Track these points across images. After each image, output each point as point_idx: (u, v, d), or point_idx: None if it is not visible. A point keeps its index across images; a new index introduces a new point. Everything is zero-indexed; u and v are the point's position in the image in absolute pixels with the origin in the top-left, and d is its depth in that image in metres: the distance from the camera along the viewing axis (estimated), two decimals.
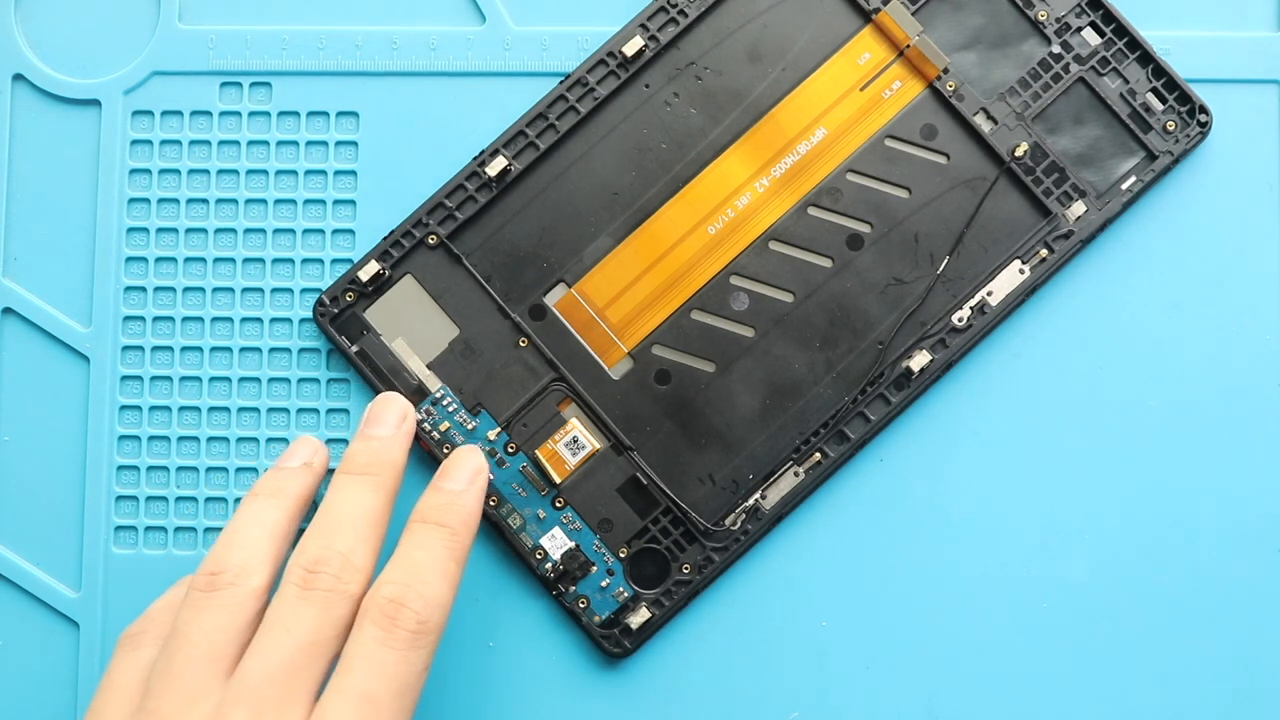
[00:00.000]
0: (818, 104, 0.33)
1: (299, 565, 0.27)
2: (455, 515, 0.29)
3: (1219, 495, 0.33)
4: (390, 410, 0.31)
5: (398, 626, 0.26)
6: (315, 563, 0.27)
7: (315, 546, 0.28)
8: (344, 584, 0.27)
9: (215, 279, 0.34)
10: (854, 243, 0.33)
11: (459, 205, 0.33)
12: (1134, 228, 0.33)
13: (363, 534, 0.28)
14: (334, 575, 0.27)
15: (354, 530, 0.28)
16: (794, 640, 0.33)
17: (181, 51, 0.35)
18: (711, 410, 0.33)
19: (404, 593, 0.27)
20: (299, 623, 0.26)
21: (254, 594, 0.27)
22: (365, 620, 0.27)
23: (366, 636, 0.26)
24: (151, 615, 0.29)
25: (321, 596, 0.27)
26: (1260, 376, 0.33)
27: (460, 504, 0.29)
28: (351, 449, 0.30)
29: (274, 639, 0.26)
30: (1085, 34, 0.33)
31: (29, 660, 0.33)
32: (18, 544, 0.34)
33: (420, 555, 0.28)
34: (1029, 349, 0.33)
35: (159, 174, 0.34)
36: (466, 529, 0.29)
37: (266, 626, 0.26)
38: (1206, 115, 0.33)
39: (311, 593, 0.27)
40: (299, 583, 0.27)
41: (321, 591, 0.27)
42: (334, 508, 0.29)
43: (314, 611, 0.27)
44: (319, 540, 0.28)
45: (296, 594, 0.27)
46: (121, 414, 0.34)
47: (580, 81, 0.33)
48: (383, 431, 0.31)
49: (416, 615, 0.27)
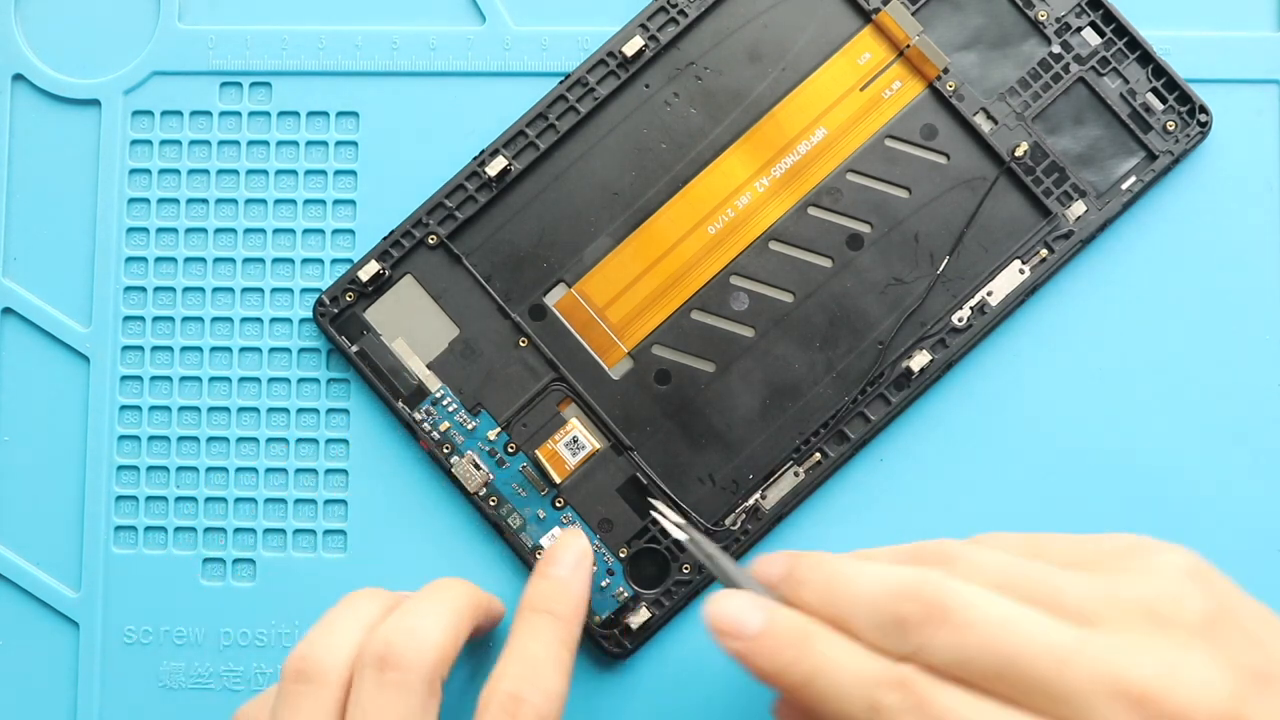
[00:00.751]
0: (818, 104, 0.33)
1: (502, 690, 0.27)
2: (564, 603, 0.29)
3: (1219, 495, 0.33)
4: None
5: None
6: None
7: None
8: (544, 716, 0.27)
9: (215, 279, 0.34)
10: (854, 243, 0.33)
11: (459, 205, 0.33)
12: (1134, 228, 0.33)
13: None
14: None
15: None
16: None
17: (181, 51, 0.35)
18: (711, 410, 0.33)
19: (523, 687, 0.27)
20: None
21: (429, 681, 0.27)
22: (486, 716, 0.27)
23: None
24: (263, 702, 0.29)
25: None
26: (1260, 376, 0.33)
27: (569, 591, 0.30)
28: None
29: None
30: (1085, 34, 0.33)
31: (29, 660, 0.33)
32: (18, 544, 0.34)
33: (534, 647, 0.28)
34: (1029, 349, 0.33)
35: (159, 174, 0.34)
36: (577, 616, 0.30)
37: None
38: (1206, 115, 0.33)
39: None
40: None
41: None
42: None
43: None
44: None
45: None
46: (121, 414, 0.34)
47: (580, 81, 0.33)
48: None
49: (536, 709, 0.27)
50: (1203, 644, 0.22)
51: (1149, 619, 0.22)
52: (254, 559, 0.33)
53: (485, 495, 0.33)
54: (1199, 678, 0.22)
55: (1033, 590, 0.23)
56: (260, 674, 0.33)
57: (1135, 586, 0.23)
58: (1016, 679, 0.22)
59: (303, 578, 0.33)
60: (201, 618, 0.33)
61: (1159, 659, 0.22)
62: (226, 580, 0.33)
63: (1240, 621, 0.23)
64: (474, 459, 0.33)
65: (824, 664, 0.24)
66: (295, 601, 0.33)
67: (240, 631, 0.33)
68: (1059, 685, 0.22)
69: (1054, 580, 0.23)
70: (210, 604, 0.33)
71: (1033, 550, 0.25)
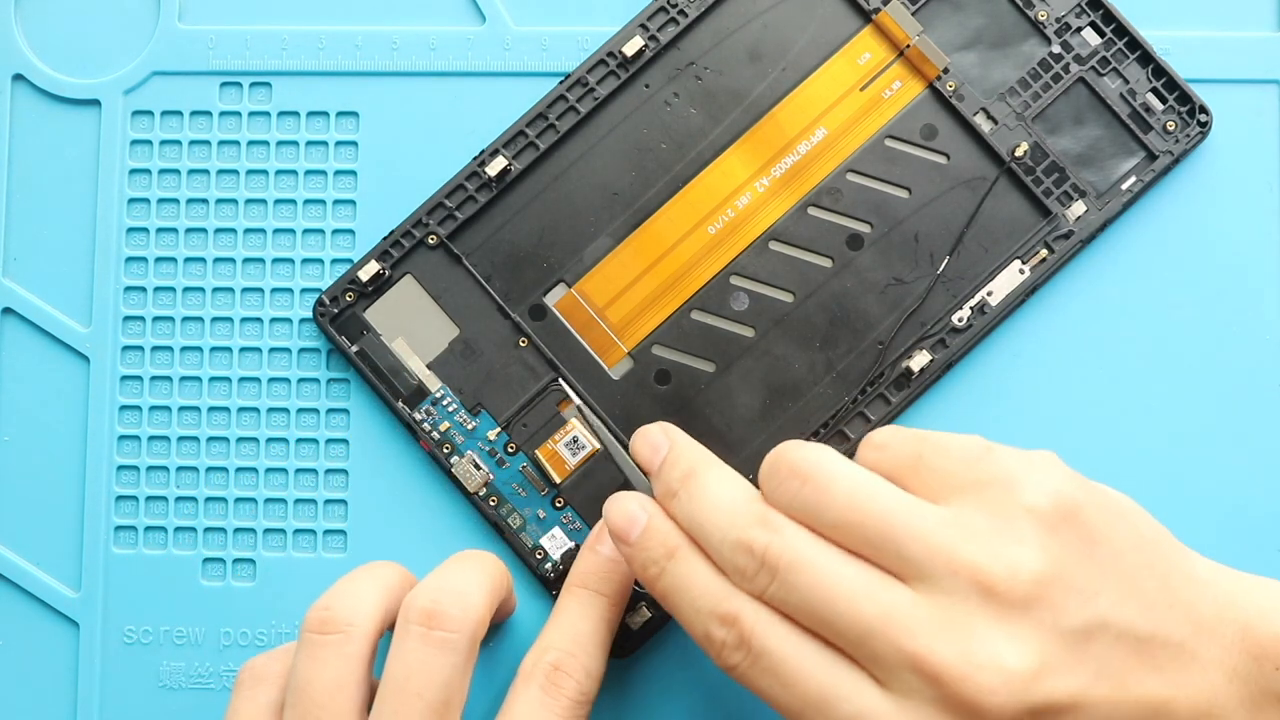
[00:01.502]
0: (818, 104, 0.33)
1: (546, 662, 0.28)
2: (614, 585, 0.30)
3: (1219, 495, 0.33)
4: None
5: (562, 694, 0.27)
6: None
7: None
8: (583, 690, 0.28)
9: (215, 279, 0.34)
10: (854, 243, 0.33)
11: (459, 205, 0.33)
12: (1134, 228, 0.33)
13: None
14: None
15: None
16: None
17: (181, 51, 0.35)
18: (711, 410, 0.33)
19: (567, 662, 0.28)
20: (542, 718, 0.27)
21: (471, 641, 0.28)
22: (532, 683, 0.28)
23: (533, 698, 0.27)
24: (276, 653, 0.29)
25: (566, 702, 0.28)
26: (1260, 376, 0.33)
27: (619, 572, 0.30)
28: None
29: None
30: (1085, 34, 0.33)
31: (29, 660, 0.33)
32: (18, 544, 0.34)
33: (582, 624, 0.29)
34: (1029, 349, 0.33)
35: (159, 174, 0.34)
36: (623, 600, 0.30)
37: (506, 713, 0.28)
38: (1206, 115, 0.33)
39: (557, 698, 0.28)
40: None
41: (565, 696, 0.28)
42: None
43: (560, 708, 0.27)
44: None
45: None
46: (121, 414, 0.34)
47: (580, 81, 0.33)
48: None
49: (578, 686, 0.28)
50: (1019, 618, 0.23)
51: (975, 588, 0.23)
52: (254, 559, 0.33)
53: (485, 495, 0.33)
54: (995, 663, 0.23)
55: (873, 537, 0.24)
56: None
57: (975, 545, 0.24)
58: (836, 634, 0.24)
59: (303, 578, 0.33)
60: (201, 618, 0.33)
61: (961, 643, 0.23)
62: (226, 580, 0.33)
63: (1078, 574, 0.24)
64: (474, 459, 0.33)
65: (676, 584, 0.26)
66: (295, 601, 0.33)
67: (240, 631, 0.33)
68: (869, 648, 0.24)
69: (899, 531, 0.24)
70: (210, 604, 0.33)
71: (916, 453, 0.26)
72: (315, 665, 0.27)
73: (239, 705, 0.28)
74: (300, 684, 0.27)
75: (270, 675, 0.28)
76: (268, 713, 0.28)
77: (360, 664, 0.27)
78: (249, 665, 0.29)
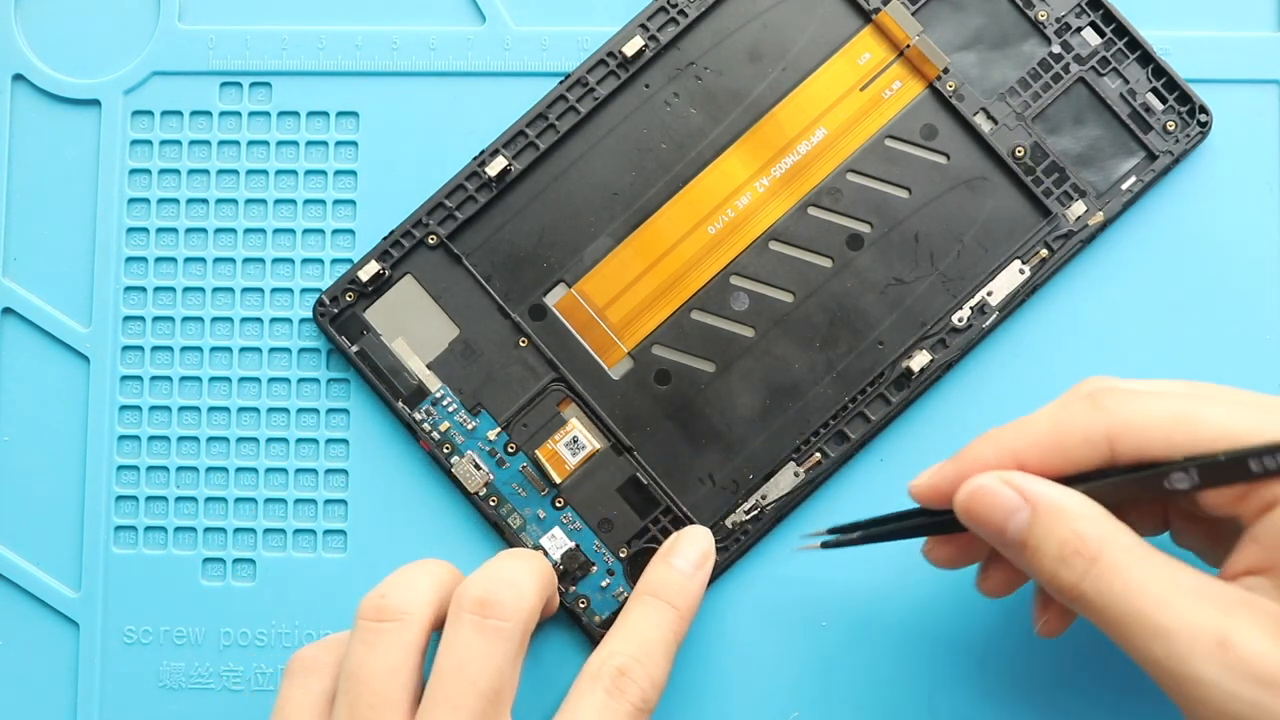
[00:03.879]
0: (818, 104, 0.33)
1: (613, 666, 0.28)
2: (686, 600, 0.30)
3: None
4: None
5: (625, 699, 0.27)
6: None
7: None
8: (647, 699, 0.28)
9: (215, 279, 0.34)
10: (854, 243, 0.33)
11: (459, 205, 0.33)
12: (1134, 228, 0.33)
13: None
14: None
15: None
16: (794, 640, 0.33)
17: (181, 51, 0.35)
18: (711, 410, 0.33)
19: (635, 668, 0.28)
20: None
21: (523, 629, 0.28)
22: (598, 685, 0.28)
23: (598, 700, 0.27)
24: (326, 643, 0.29)
25: (629, 708, 0.28)
26: (1260, 376, 0.33)
27: (691, 588, 0.30)
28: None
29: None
30: (1085, 34, 0.33)
31: (29, 660, 0.33)
32: (18, 544, 0.34)
33: (651, 633, 0.29)
34: (1029, 349, 0.33)
35: (159, 174, 0.34)
36: (691, 615, 0.30)
37: (569, 713, 0.27)
38: (1206, 115, 0.33)
39: (622, 703, 0.28)
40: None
41: (629, 702, 0.28)
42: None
43: (623, 713, 0.27)
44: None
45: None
46: (121, 414, 0.34)
47: (580, 81, 0.33)
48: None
49: (643, 693, 0.28)
50: None
51: None
52: (254, 559, 0.33)
53: (485, 495, 0.33)
54: None
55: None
56: (260, 674, 0.33)
57: None
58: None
59: (303, 578, 0.33)
60: (201, 618, 0.33)
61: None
62: (226, 580, 0.33)
63: None
64: (474, 459, 0.33)
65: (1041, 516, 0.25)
66: (295, 601, 0.33)
67: (240, 631, 0.33)
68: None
69: None
70: (210, 604, 0.33)
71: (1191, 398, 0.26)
72: (370, 652, 0.27)
73: (290, 694, 0.28)
74: (354, 670, 0.27)
75: (321, 665, 0.29)
76: (319, 702, 0.28)
77: (415, 652, 0.27)
78: (299, 655, 0.29)
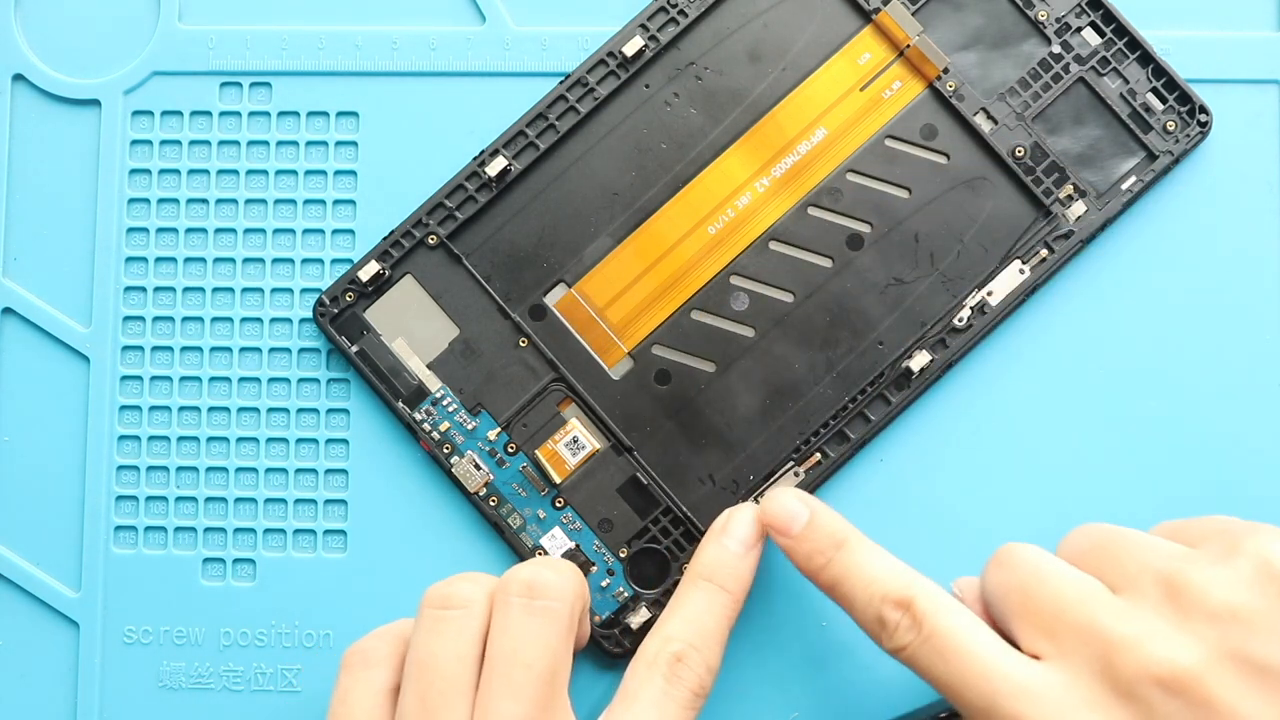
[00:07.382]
0: (818, 104, 0.33)
1: (670, 652, 0.28)
2: (739, 583, 0.30)
3: (1219, 495, 0.33)
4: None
5: (682, 684, 0.28)
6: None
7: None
8: (704, 685, 0.28)
9: (215, 279, 0.34)
10: (854, 243, 0.33)
11: (459, 205, 0.33)
12: (1134, 228, 0.33)
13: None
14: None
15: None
16: (793, 641, 0.33)
17: (181, 51, 0.35)
18: (711, 410, 0.33)
19: (692, 655, 0.28)
20: (664, 708, 0.27)
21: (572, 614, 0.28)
22: (655, 671, 0.28)
23: (656, 686, 0.27)
24: (382, 635, 0.29)
25: (686, 694, 0.28)
26: (1260, 376, 0.33)
27: (743, 569, 0.30)
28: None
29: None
30: (1085, 34, 0.33)
31: (29, 660, 0.33)
32: (18, 544, 0.34)
33: (709, 621, 0.29)
34: (1029, 349, 0.33)
35: (159, 174, 0.34)
36: (743, 598, 0.30)
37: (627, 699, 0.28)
38: (1206, 115, 0.33)
39: (680, 689, 0.28)
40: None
41: (686, 688, 0.28)
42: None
43: (681, 700, 0.28)
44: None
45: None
46: (121, 414, 0.34)
47: (580, 81, 0.33)
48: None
49: (698, 678, 0.28)
50: (1204, 626, 0.24)
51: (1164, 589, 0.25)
52: (254, 559, 0.33)
53: (485, 495, 0.33)
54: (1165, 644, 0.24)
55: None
56: (260, 674, 0.33)
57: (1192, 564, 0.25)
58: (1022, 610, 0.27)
59: (303, 578, 0.33)
60: (201, 618, 0.33)
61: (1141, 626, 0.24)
62: (226, 580, 0.33)
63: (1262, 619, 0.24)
64: (474, 459, 0.33)
65: (846, 572, 0.28)
66: (295, 601, 0.33)
67: (240, 631, 0.33)
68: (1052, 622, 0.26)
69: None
70: (210, 604, 0.33)
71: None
72: (440, 639, 0.27)
73: (350, 687, 0.28)
74: (423, 658, 0.27)
75: (380, 657, 0.29)
76: (381, 696, 0.28)
77: (479, 640, 0.27)
78: (356, 648, 0.29)
